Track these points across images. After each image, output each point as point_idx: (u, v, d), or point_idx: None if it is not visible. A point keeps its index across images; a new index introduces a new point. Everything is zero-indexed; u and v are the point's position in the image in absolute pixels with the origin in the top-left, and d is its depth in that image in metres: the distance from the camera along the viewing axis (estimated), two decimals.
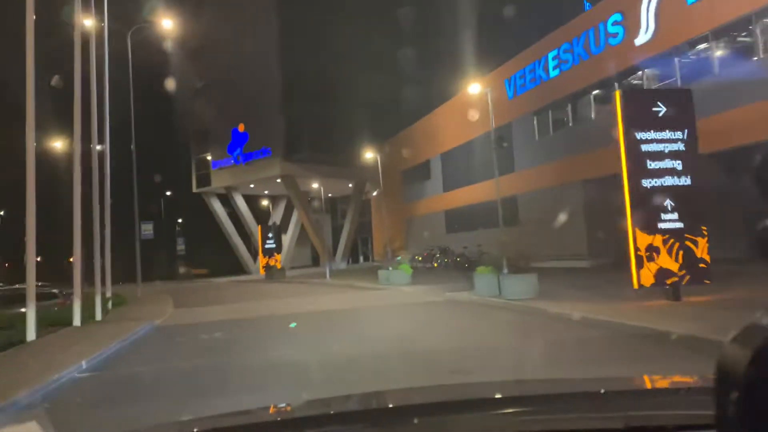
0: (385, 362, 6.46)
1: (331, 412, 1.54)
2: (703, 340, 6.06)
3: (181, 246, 47.49)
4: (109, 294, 17.30)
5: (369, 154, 24.12)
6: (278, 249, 37.88)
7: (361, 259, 47.44)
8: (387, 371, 5.96)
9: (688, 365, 5.52)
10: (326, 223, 45.68)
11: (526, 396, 1.57)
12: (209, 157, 41.31)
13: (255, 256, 39.52)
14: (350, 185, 40.27)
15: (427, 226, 32.98)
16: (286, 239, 41.16)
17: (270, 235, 37.49)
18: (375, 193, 22.03)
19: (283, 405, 1.68)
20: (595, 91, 20.73)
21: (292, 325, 10.24)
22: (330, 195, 41.33)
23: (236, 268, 42.25)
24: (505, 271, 12.40)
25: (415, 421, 1.33)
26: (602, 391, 1.52)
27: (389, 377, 5.51)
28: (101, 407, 5.36)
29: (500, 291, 12.13)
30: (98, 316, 14.51)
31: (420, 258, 28.54)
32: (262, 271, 36.17)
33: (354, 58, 35.09)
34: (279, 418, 1.58)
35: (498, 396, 1.61)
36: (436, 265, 28.20)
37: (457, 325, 10.15)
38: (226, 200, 41.87)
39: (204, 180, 41.66)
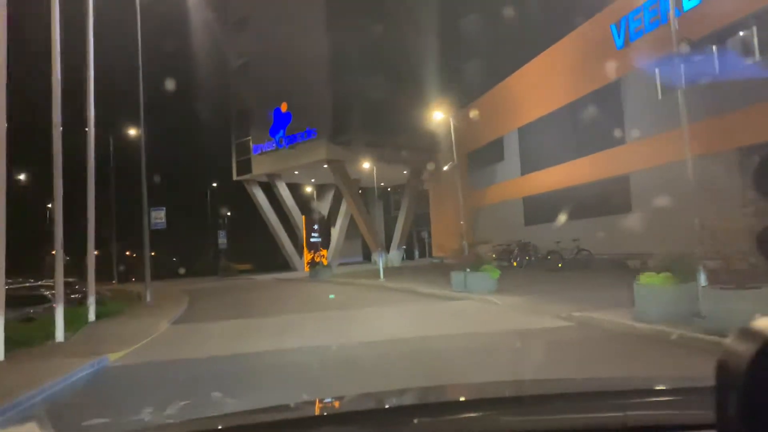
0: None
1: (330, 413, 1.54)
2: None
3: (222, 239, 43.79)
4: (91, 300, 12.97)
5: (439, 114, 18.92)
6: (324, 243, 33.48)
7: (416, 254, 42.62)
8: None
9: None
10: (379, 214, 41.01)
11: (526, 396, 1.51)
12: (252, 143, 37.16)
13: (301, 251, 35.15)
14: (405, 172, 35.25)
15: (499, 216, 27.49)
16: (335, 232, 36.66)
17: (315, 227, 33.14)
18: (446, 168, 16.97)
19: (282, 405, 1.60)
20: (759, 23, 14.76)
21: None
22: (382, 184, 36.37)
23: (282, 263, 38.19)
24: (703, 282, 7.05)
25: (415, 421, 1.31)
26: (602, 391, 1.54)
27: None
28: None
29: (701, 316, 6.78)
30: (59, 335, 10.08)
31: (494, 255, 23.13)
32: (306, 268, 31.87)
33: (411, 23, 29.97)
34: (278, 419, 1.45)
35: (498, 396, 1.58)
36: (515, 264, 22.83)
37: None
38: (271, 190, 37.59)
39: (245, 166, 37.51)
